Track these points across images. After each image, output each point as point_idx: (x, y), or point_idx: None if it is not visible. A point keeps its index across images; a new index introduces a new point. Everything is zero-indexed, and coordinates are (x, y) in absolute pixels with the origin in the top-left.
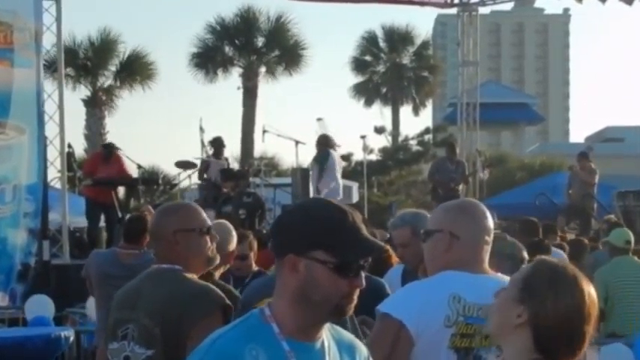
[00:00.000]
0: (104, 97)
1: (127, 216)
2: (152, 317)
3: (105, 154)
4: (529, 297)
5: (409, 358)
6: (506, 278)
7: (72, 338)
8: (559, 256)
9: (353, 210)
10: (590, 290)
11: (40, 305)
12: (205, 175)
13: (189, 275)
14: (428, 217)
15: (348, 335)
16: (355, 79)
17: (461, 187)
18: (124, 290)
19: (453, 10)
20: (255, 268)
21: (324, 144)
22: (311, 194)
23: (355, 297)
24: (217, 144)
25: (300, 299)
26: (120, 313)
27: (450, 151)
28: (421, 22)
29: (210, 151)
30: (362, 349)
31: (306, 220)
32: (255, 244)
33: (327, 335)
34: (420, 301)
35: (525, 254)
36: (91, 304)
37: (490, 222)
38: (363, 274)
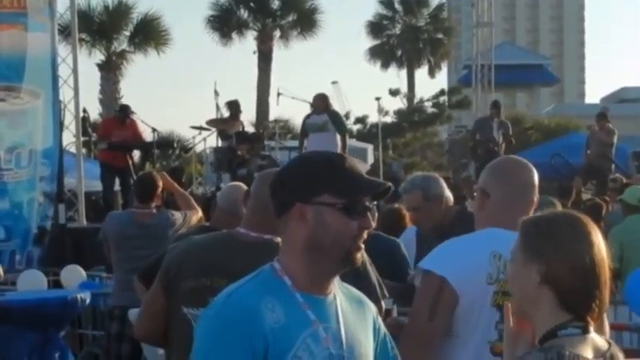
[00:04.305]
0: (118, 61)
1: (136, 177)
2: None
3: (120, 116)
4: (538, 252)
5: (454, 314)
6: None
7: (88, 300)
8: None
9: (349, 156)
10: (598, 235)
11: (32, 280)
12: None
13: None
14: (438, 181)
15: (356, 292)
16: (371, 42)
17: (503, 147)
18: (203, 254)
19: None
20: None
21: (328, 103)
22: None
23: (362, 242)
24: (234, 106)
25: (312, 248)
26: (209, 280)
27: (495, 110)
28: None
29: (226, 114)
30: (370, 305)
31: (307, 168)
32: None
33: (338, 291)
34: (462, 258)
35: None
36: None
37: (530, 179)
38: (370, 215)
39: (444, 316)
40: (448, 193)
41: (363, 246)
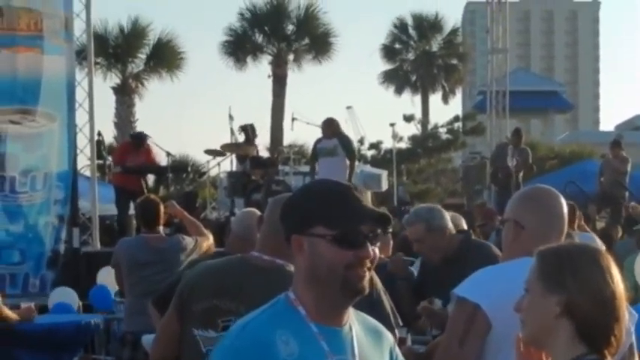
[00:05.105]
0: (134, 85)
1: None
2: None
3: (135, 143)
4: (559, 283)
5: (486, 341)
6: None
7: (101, 325)
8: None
9: (354, 185)
10: (614, 268)
11: (65, 297)
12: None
13: None
14: (442, 212)
15: (373, 321)
16: (385, 66)
17: (521, 174)
18: (215, 277)
19: None
20: None
21: (336, 128)
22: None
23: (364, 271)
24: (249, 130)
25: (311, 279)
26: (219, 302)
27: (515, 138)
28: (450, 10)
29: (241, 138)
30: (387, 335)
31: (303, 198)
32: None
33: (354, 321)
34: (497, 286)
35: None
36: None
37: (561, 209)
38: (370, 246)
39: (475, 343)
40: (451, 224)
41: (366, 274)
